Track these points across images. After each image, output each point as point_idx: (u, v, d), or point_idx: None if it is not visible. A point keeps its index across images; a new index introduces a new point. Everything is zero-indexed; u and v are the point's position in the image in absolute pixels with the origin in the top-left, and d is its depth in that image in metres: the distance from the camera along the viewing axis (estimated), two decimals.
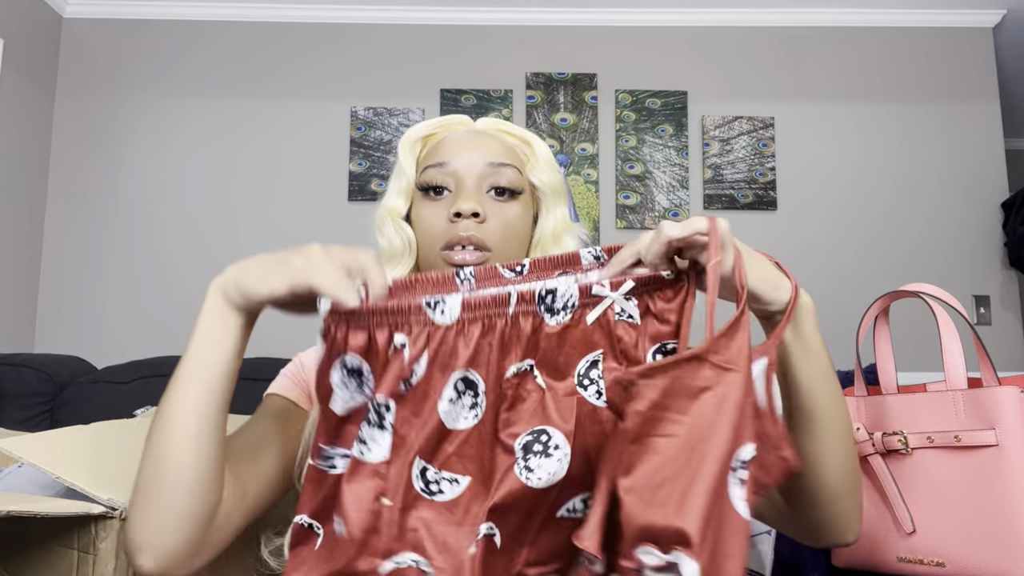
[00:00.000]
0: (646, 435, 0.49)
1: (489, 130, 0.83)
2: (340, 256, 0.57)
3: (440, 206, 0.78)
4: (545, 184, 0.83)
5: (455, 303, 0.54)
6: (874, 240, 2.90)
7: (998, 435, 0.75)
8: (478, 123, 0.84)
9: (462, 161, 0.79)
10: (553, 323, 0.56)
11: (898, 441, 0.82)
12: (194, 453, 0.58)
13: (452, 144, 0.81)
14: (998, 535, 0.74)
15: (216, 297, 0.62)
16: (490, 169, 0.79)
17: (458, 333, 0.55)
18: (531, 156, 0.84)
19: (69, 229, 2.90)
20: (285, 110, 2.98)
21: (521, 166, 0.82)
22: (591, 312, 0.56)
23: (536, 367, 0.56)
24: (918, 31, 3.02)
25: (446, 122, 0.84)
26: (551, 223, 0.84)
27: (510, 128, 0.84)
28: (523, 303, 0.56)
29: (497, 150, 0.80)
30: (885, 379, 0.89)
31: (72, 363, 1.38)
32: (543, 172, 0.83)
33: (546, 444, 0.55)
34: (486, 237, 0.76)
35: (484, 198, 0.78)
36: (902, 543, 0.81)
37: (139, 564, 0.58)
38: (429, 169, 0.79)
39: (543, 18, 3.03)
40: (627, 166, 2.96)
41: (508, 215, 0.79)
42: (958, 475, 0.78)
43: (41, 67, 2.87)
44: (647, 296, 0.58)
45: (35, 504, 0.58)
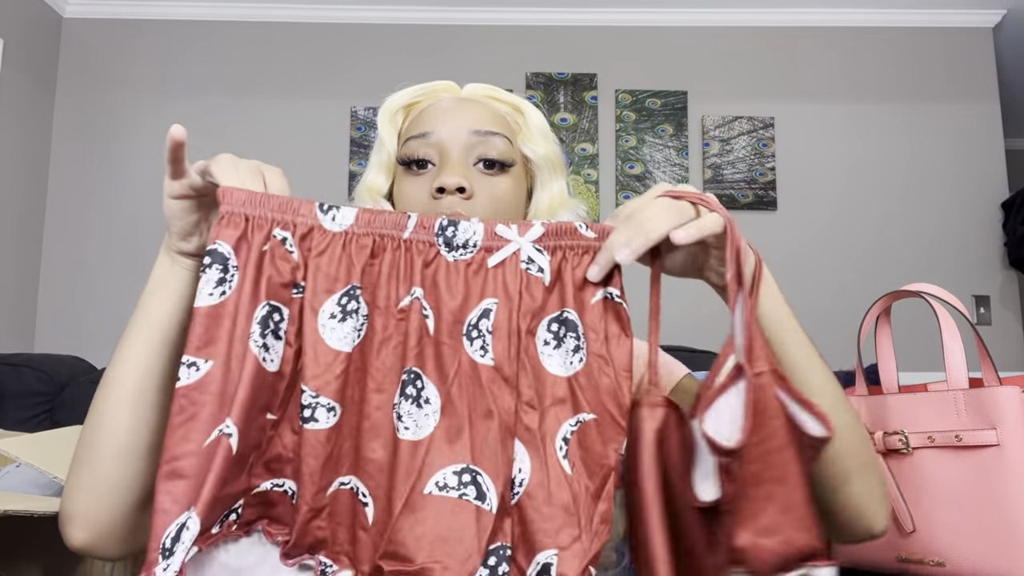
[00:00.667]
0: (752, 486, 0.46)
1: (477, 96, 0.76)
2: (246, 161, 0.56)
3: (423, 181, 0.71)
4: (539, 156, 0.75)
5: (350, 213, 0.52)
6: (874, 240, 2.90)
7: (999, 435, 0.75)
8: (465, 89, 0.77)
9: (446, 130, 0.71)
10: (450, 259, 0.53)
11: (899, 441, 0.82)
12: (131, 414, 0.54)
13: (436, 113, 0.73)
14: (998, 535, 0.74)
15: (163, 246, 0.59)
16: (476, 138, 0.71)
17: (346, 245, 0.52)
18: (524, 125, 0.76)
19: (69, 229, 2.90)
20: (285, 110, 2.98)
21: (512, 135, 0.74)
22: (494, 255, 0.53)
23: (426, 302, 0.52)
24: (918, 31, 3.02)
25: (430, 89, 0.76)
26: (546, 198, 0.76)
27: (500, 94, 0.76)
28: (422, 230, 0.53)
29: (485, 117, 0.72)
30: (886, 379, 0.89)
31: (72, 363, 1.38)
32: (537, 143, 0.75)
33: (419, 392, 0.51)
34: (472, 214, 0.68)
35: (471, 171, 0.70)
36: (902, 543, 0.81)
37: (69, 535, 0.55)
38: (410, 141, 0.72)
39: (543, 18, 3.03)
40: (627, 166, 2.96)
41: (497, 189, 0.71)
42: (959, 475, 0.78)
43: (41, 67, 2.87)
44: (566, 255, 0.54)
45: (32, 503, 0.58)
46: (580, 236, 0.54)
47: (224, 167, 0.53)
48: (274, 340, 0.50)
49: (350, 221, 0.52)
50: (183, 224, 0.56)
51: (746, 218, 2.92)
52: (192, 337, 0.48)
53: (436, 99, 0.75)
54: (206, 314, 0.48)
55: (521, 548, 0.49)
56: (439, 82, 0.77)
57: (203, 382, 0.48)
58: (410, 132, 0.73)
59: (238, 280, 0.49)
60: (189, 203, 0.56)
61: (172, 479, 0.46)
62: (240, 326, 0.49)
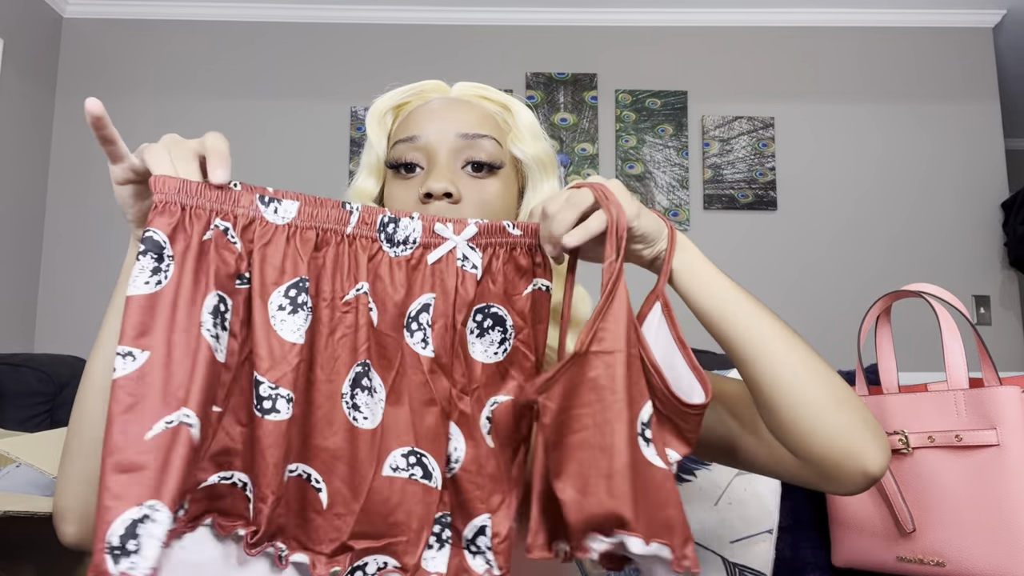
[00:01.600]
0: (562, 438, 0.51)
1: (465, 96, 0.75)
2: (190, 141, 0.54)
3: (411, 185, 0.70)
4: (529, 156, 0.74)
5: (292, 206, 0.53)
6: (874, 240, 2.90)
7: (999, 435, 0.75)
8: (454, 88, 0.76)
9: (433, 133, 0.70)
10: (392, 254, 0.55)
11: (899, 440, 0.82)
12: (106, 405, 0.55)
13: (424, 115, 0.72)
14: (998, 535, 0.74)
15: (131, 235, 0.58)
16: (464, 141, 0.70)
17: (290, 237, 0.53)
18: (513, 124, 0.74)
19: (69, 229, 2.90)
20: (285, 110, 2.98)
21: (501, 136, 0.73)
22: (432, 252, 0.56)
23: (371, 296, 0.54)
24: (918, 31, 3.02)
25: (419, 89, 0.75)
26: (537, 199, 0.74)
27: (490, 92, 0.75)
28: (364, 225, 0.54)
29: (473, 119, 0.72)
30: (886, 379, 0.89)
31: (72, 363, 1.38)
32: (527, 143, 0.74)
33: (371, 381, 0.54)
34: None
35: (459, 174, 0.70)
36: (902, 543, 0.81)
37: (62, 531, 0.56)
38: (398, 144, 0.72)
39: (543, 18, 3.03)
40: (627, 166, 2.96)
41: (486, 193, 0.70)
42: (959, 475, 0.78)
43: (41, 67, 2.87)
44: (496, 252, 0.57)
45: (33, 504, 0.58)
46: (508, 234, 0.58)
47: (156, 154, 0.52)
48: (221, 331, 0.50)
49: (292, 214, 0.53)
50: (136, 211, 0.56)
51: (746, 218, 2.92)
52: (126, 326, 0.47)
53: (425, 100, 0.75)
54: (140, 303, 0.48)
55: (458, 515, 0.55)
56: (428, 82, 0.76)
57: (142, 372, 0.47)
58: (398, 135, 0.73)
59: (175, 270, 0.49)
60: (135, 188, 0.55)
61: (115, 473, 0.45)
62: (181, 316, 0.49)
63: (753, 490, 0.91)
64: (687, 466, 0.94)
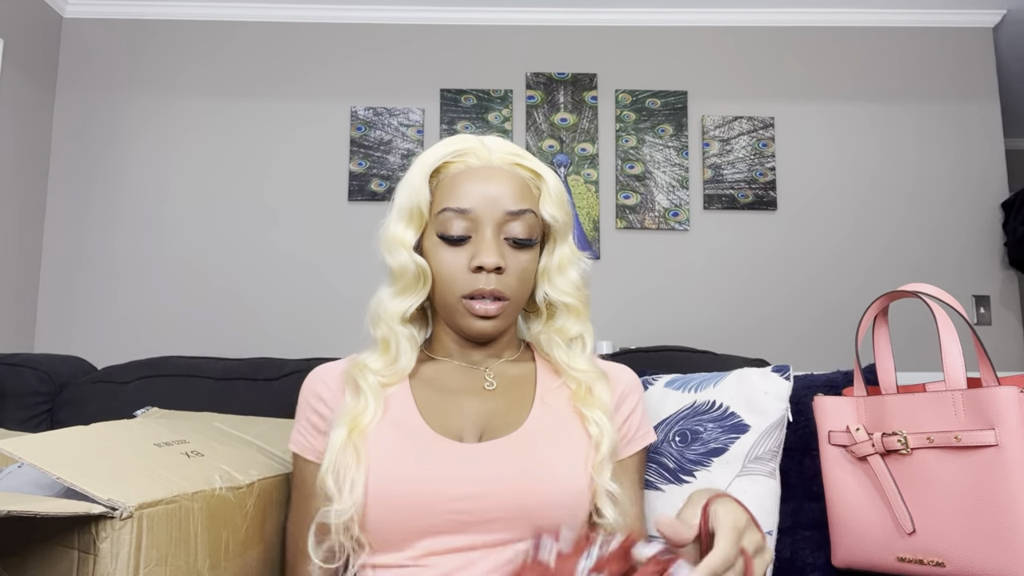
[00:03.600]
0: None
1: (504, 165, 0.83)
2: None
3: (461, 253, 0.80)
4: (556, 220, 0.84)
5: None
6: (874, 240, 2.91)
7: (997, 435, 0.75)
8: (493, 153, 0.83)
9: (482, 208, 0.80)
10: None
11: (898, 441, 0.82)
12: None
13: (470, 184, 0.81)
14: (998, 535, 0.74)
15: None
16: (509, 217, 0.80)
17: None
18: (543, 190, 0.84)
19: (69, 229, 2.90)
20: (285, 110, 2.98)
21: (535, 204, 0.83)
22: None
23: None
24: (918, 31, 3.02)
25: (460, 151, 0.83)
26: (557, 257, 0.86)
27: (523, 160, 0.84)
28: None
29: (514, 192, 0.81)
30: (884, 379, 0.89)
31: (72, 363, 1.38)
32: (554, 207, 0.84)
33: None
34: (505, 288, 0.80)
35: (502, 246, 0.81)
36: (902, 543, 0.81)
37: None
38: (448, 213, 0.80)
39: (543, 18, 3.03)
40: (627, 166, 2.96)
41: (523, 262, 0.82)
42: (958, 475, 0.78)
43: (41, 67, 2.88)
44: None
45: (35, 504, 0.58)
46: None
47: None
48: None
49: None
50: None
51: (746, 218, 2.93)
52: None
53: (466, 164, 0.83)
54: None
55: None
56: (466, 141, 0.84)
57: None
58: (447, 201, 0.81)
59: None
60: None
61: None
62: None
63: (753, 491, 0.91)
64: (687, 468, 0.95)
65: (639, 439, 0.86)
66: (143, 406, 1.17)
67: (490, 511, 0.73)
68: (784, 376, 0.97)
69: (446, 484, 0.73)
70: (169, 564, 0.66)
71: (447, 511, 0.73)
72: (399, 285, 0.82)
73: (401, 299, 0.82)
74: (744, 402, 0.96)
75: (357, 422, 0.77)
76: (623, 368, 0.90)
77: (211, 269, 2.88)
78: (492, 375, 0.85)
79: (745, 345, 2.68)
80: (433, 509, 0.73)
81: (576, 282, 0.86)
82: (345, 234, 2.90)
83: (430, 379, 0.84)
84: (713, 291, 2.88)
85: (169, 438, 0.81)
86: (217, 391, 1.24)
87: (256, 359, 1.33)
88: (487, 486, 0.73)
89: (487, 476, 0.74)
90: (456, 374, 0.85)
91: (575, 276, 0.86)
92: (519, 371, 0.87)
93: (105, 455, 0.72)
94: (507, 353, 0.88)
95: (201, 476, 0.74)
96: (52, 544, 0.64)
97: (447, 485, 0.73)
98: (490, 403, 0.82)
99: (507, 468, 0.74)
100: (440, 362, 0.86)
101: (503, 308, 0.80)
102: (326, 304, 2.84)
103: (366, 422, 0.77)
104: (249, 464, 0.84)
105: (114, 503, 0.63)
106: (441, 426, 0.79)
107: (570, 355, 0.84)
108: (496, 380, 0.85)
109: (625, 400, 0.86)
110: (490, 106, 2.98)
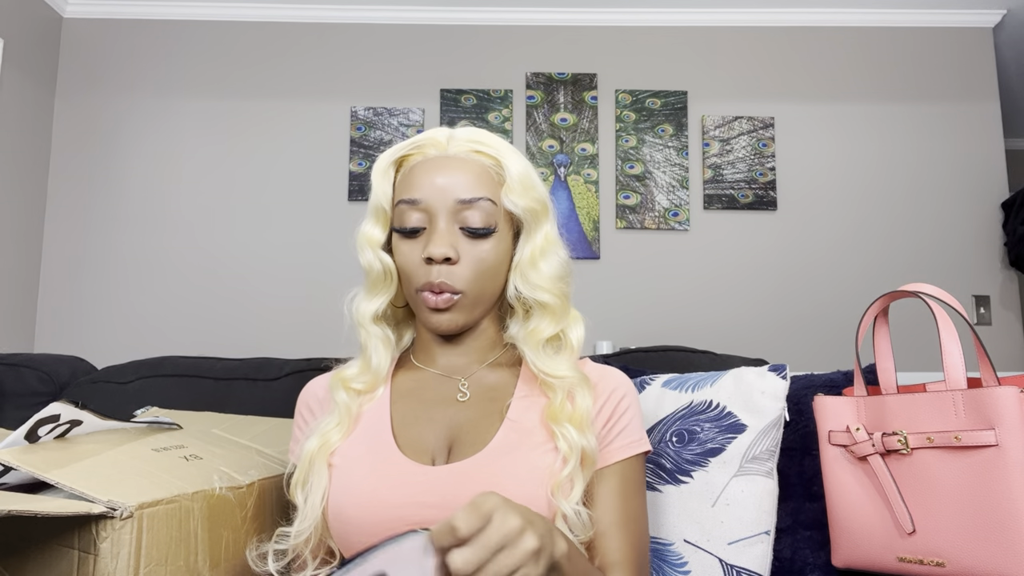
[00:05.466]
0: None
1: (461, 153, 0.79)
2: None
3: (416, 245, 0.78)
4: (520, 208, 0.79)
5: None
6: (874, 240, 2.91)
7: (998, 435, 0.75)
8: (452, 142, 0.80)
9: (433, 197, 0.77)
10: None
11: (898, 441, 0.82)
12: None
13: (423, 175, 0.78)
14: (998, 535, 0.74)
15: None
16: (461, 206, 0.77)
17: None
18: (506, 177, 0.79)
19: (69, 229, 2.90)
20: (285, 110, 2.98)
21: (495, 192, 0.79)
22: None
23: None
24: (918, 31, 3.02)
25: (419, 143, 0.81)
26: (528, 249, 0.80)
27: (483, 147, 0.80)
28: None
29: (468, 181, 0.78)
30: (885, 379, 0.89)
31: (72, 363, 1.38)
32: (518, 195, 0.79)
33: None
34: (456, 281, 0.77)
35: (456, 235, 0.77)
36: (902, 543, 0.81)
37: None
38: (402, 205, 0.79)
39: (543, 18, 3.03)
40: (627, 166, 2.96)
41: (480, 253, 0.78)
42: (958, 475, 0.78)
43: (41, 67, 2.88)
44: None
45: (35, 504, 0.58)
46: None
47: None
48: None
49: None
50: None
51: (746, 218, 2.93)
52: None
53: (423, 155, 0.80)
54: None
55: None
56: (428, 134, 0.81)
57: None
58: (401, 193, 0.80)
59: None
60: None
61: None
62: None
63: (751, 491, 0.91)
64: (684, 468, 0.95)
65: (622, 448, 0.79)
66: (143, 406, 1.18)
67: None
68: (781, 375, 0.97)
69: (406, 509, 0.71)
70: (169, 564, 0.66)
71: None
72: (368, 282, 0.82)
73: (371, 298, 0.82)
74: (741, 402, 0.96)
75: (327, 438, 0.77)
76: (613, 372, 0.84)
77: (211, 269, 2.88)
78: (467, 385, 0.81)
79: (745, 345, 2.68)
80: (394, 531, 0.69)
81: (549, 275, 0.80)
82: (345, 234, 2.89)
83: (408, 390, 0.83)
84: (713, 291, 2.88)
85: (167, 443, 0.81)
86: (217, 391, 1.24)
87: (256, 359, 1.33)
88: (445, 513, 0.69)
89: (446, 502, 0.71)
90: (433, 384, 0.82)
91: (548, 269, 0.80)
92: (497, 379, 0.82)
93: (103, 456, 0.73)
94: (488, 355, 0.84)
95: (200, 477, 0.74)
96: (52, 544, 0.64)
97: (408, 510, 0.71)
98: (461, 416, 0.79)
99: (466, 491, 0.70)
100: (420, 371, 0.84)
101: (453, 301, 0.77)
102: (326, 304, 2.84)
103: (335, 439, 0.77)
104: (248, 465, 0.84)
105: (114, 503, 0.63)
106: (411, 444, 0.77)
107: (543, 358, 0.78)
108: (471, 390, 0.81)
109: (607, 404, 0.80)
110: (490, 106, 2.98)
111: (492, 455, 0.74)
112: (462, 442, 0.76)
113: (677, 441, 0.97)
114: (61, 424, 0.75)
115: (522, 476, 0.72)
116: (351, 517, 0.72)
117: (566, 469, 0.72)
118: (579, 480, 0.73)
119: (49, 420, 0.73)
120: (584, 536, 0.73)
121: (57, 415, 0.74)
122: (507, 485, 0.71)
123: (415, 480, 0.73)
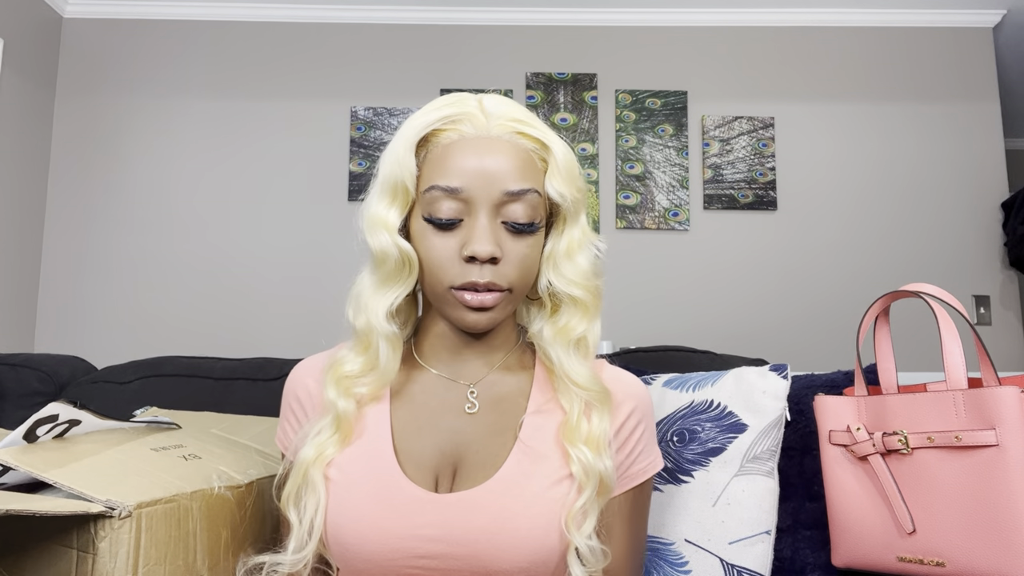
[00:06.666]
0: None
1: (504, 134, 0.70)
2: None
3: (450, 239, 0.69)
4: (564, 197, 0.71)
5: None
6: (874, 240, 2.91)
7: (998, 435, 0.75)
8: (492, 119, 0.71)
9: (475, 186, 0.68)
10: None
11: (898, 441, 0.82)
12: None
13: (462, 158, 0.69)
14: (998, 535, 0.74)
15: None
16: (508, 198, 0.68)
17: None
18: (551, 163, 0.72)
19: (69, 229, 2.90)
20: (285, 110, 2.98)
21: (539, 181, 0.71)
22: None
23: None
24: (918, 31, 3.02)
25: (452, 117, 0.71)
26: (565, 241, 0.74)
27: (528, 127, 0.71)
28: None
29: (515, 168, 0.69)
30: (885, 379, 0.89)
31: (72, 363, 1.38)
32: (563, 183, 0.71)
33: None
34: (503, 280, 0.69)
35: (499, 231, 0.69)
36: (902, 543, 0.81)
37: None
38: (436, 192, 0.68)
39: (543, 18, 3.03)
40: (627, 166, 2.96)
41: (524, 249, 0.70)
42: (958, 475, 0.78)
43: (41, 67, 2.88)
44: None
45: (34, 503, 0.58)
46: None
47: None
48: None
49: None
50: None
51: (746, 218, 2.92)
52: None
53: (459, 133, 0.70)
54: None
55: None
56: (457, 107, 0.71)
57: None
58: (435, 178, 0.69)
59: None
60: None
61: None
62: None
63: (751, 491, 0.91)
64: (685, 467, 0.95)
65: (639, 473, 0.75)
66: (143, 406, 1.17)
67: (451, 572, 0.66)
68: (782, 375, 0.97)
69: (409, 541, 0.66)
70: (168, 563, 0.66)
71: (409, 565, 0.67)
72: (381, 273, 0.71)
73: (384, 290, 0.71)
74: (742, 401, 0.96)
75: (322, 450, 0.70)
76: (630, 384, 0.78)
77: (211, 269, 2.88)
78: (476, 394, 0.74)
79: (745, 345, 2.68)
80: (395, 563, 0.67)
81: (585, 270, 0.73)
82: (345, 234, 2.89)
83: (412, 395, 0.75)
84: (713, 291, 2.88)
85: (166, 443, 0.81)
86: (217, 391, 1.24)
87: (256, 359, 1.33)
88: (450, 547, 0.66)
89: (451, 536, 0.66)
90: (439, 390, 0.75)
91: (584, 263, 0.73)
92: (508, 387, 0.75)
93: (103, 456, 0.72)
94: (500, 354, 0.77)
95: (199, 476, 0.74)
96: (51, 543, 0.64)
97: (411, 542, 0.66)
98: (468, 431, 0.72)
99: (473, 526, 0.66)
100: (423, 371, 0.76)
101: (500, 299, 0.69)
102: (326, 304, 2.84)
103: (331, 452, 0.70)
104: (247, 465, 0.84)
105: (112, 503, 0.63)
106: (413, 460, 0.70)
107: (573, 361, 0.72)
108: (479, 400, 0.74)
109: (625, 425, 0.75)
110: None
111: (502, 484, 0.68)
112: (469, 464, 0.70)
113: (678, 441, 0.97)
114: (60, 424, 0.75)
115: (534, 509, 0.67)
116: (351, 544, 0.67)
117: (580, 500, 0.67)
118: (593, 511, 0.68)
119: (48, 420, 0.73)
120: (596, 568, 0.68)
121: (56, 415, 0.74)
122: (518, 519, 0.66)
123: (420, 509, 0.67)
